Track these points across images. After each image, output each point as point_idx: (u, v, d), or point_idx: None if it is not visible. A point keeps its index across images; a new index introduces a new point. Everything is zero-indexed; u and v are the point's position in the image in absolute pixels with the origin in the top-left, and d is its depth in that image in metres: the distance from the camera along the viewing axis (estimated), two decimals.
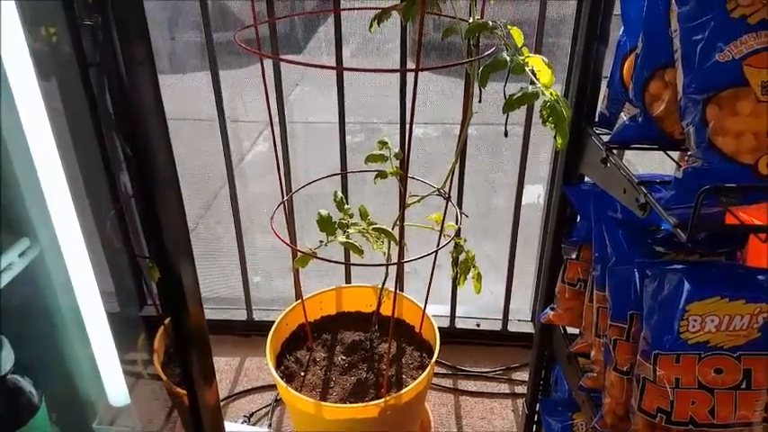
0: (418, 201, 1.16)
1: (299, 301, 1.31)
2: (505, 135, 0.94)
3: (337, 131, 1.43)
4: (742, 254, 0.84)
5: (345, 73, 1.39)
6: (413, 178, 1.17)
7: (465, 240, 1.23)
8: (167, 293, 1.00)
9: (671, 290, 0.73)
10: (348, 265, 1.57)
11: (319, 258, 1.05)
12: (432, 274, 1.25)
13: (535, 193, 1.91)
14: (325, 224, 1.11)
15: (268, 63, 1.21)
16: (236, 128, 3.55)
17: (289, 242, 1.17)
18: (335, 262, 1.10)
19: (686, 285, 0.72)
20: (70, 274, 1.01)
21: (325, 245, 1.09)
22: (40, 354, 1.04)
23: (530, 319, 1.73)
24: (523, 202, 1.54)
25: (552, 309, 1.08)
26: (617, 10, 0.86)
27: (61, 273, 1.00)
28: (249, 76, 2.98)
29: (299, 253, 1.07)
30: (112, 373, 1.14)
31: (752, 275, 0.76)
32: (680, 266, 0.76)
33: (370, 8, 1.07)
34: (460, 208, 1.45)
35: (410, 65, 1.62)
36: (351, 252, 1.07)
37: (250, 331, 1.72)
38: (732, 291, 0.72)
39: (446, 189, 1.17)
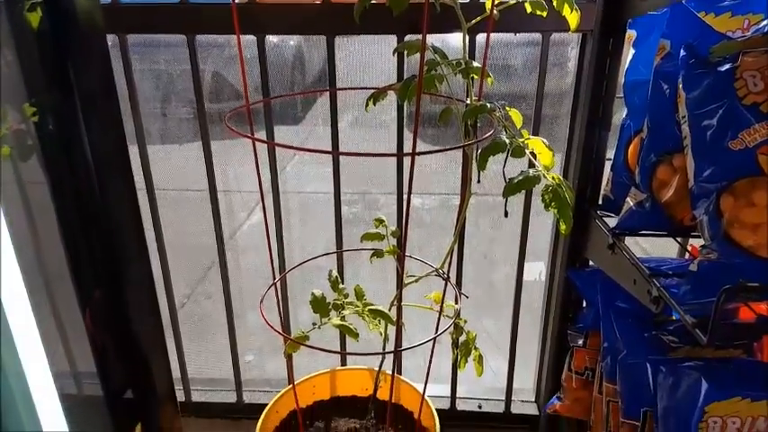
0: (416, 281, 1.12)
1: (291, 386, 1.24)
2: (506, 216, 0.91)
3: (333, 203, 1.40)
4: (759, 345, 0.79)
5: (342, 144, 1.38)
6: (410, 257, 1.13)
7: (465, 321, 1.17)
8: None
9: (688, 390, 0.68)
10: (343, 354, 1.52)
11: (311, 347, 0.99)
12: (430, 360, 1.19)
13: (537, 270, 1.85)
14: (319, 305, 1.06)
15: (262, 135, 1.19)
16: (231, 198, 3.54)
17: (281, 327, 1.11)
18: (329, 351, 1.04)
19: (704, 385, 0.67)
20: None
21: (319, 327, 1.04)
22: None
23: (533, 400, 1.65)
24: (525, 279, 1.49)
25: (559, 398, 1.02)
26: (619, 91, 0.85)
27: None
28: (245, 145, 2.97)
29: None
30: None
31: None
32: (696, 363, 0.71)
33: (367, 88, 1.06)
34: (460, 286, 1.40)
35: (407, 141, 1.60)
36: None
37: (240, 414, 1.63)
38: (754, 390, 0.67)
39: (445, 269, 1.13)
